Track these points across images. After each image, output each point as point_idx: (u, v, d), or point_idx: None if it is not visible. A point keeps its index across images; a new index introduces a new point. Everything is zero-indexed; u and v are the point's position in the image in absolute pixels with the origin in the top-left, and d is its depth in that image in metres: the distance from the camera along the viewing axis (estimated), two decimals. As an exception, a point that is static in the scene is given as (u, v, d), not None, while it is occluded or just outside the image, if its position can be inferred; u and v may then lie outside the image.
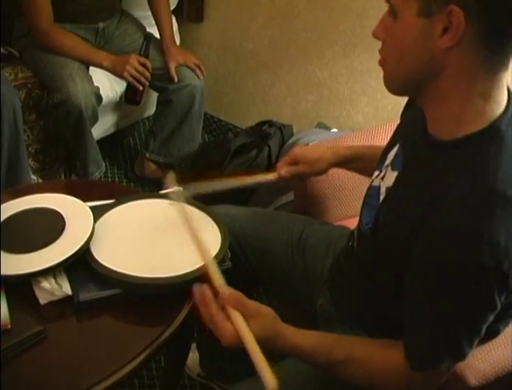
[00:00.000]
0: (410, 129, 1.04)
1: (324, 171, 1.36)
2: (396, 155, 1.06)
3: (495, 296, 0.86)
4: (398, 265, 0.95)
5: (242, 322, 0.92)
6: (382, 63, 0.94)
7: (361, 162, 1.32)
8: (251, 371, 1.44)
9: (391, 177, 1.03)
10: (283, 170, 1.34)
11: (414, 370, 0.93)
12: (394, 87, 0.95)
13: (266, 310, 0.97)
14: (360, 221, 1.13)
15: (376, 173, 1.12)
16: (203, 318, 0.95)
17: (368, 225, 1.07)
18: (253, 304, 0.95)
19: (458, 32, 0.81)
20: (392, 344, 0.97)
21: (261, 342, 0.91)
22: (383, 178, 1.07)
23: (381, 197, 1.05)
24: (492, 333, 1.03)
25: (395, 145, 1.08)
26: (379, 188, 1.07)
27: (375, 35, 0.93)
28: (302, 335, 0.98)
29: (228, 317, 0.93)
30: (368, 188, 1.13)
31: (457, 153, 0.89)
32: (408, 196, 0.95)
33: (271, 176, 1.37)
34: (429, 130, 0.95)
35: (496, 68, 0.85)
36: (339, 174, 1.57)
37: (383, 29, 0.91)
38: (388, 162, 1.08)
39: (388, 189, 1.03)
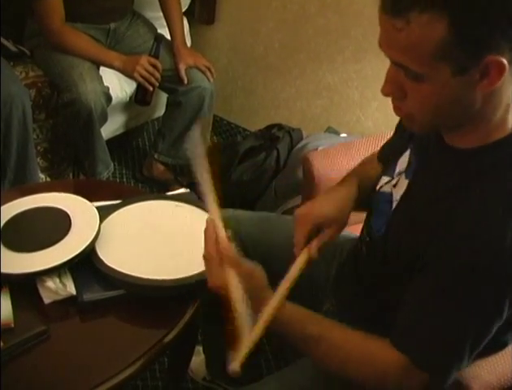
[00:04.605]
0: (422, 135, 1.03)
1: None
2: (409, 162, 1.05)
3: (506, 304, 0.86)
4: (408, 272, 0.94)
5: (234, 277, 0.94)
6: (401, 114, 0.91)
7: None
8: (259, 375, 1.44)
9: (404, 185, 1.02)
10: (312, 250, 1.12)
11: (419, 367, 0.91)
12: (421, 130, 0.93)
13: (259, 274, 0.98)
14: (369, 227, 1.12)
15: (386, 179, 1.10)
16: (204, 248, 0.98)
17: (380, 231, 1.06)
18: (247, 264, 0.98)
19: (500, 77, 0.79)
20: (375, 337, 0.96)
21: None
22: (395, 185, 1.06)
23: (394, 205, 1.04)
24: (500, 345, 1.02)
25: (405, 149, 1.07)
26: (391, 194, 1.06)
27: (387, 93, 0.88)
28: (283, 306, 0.98)
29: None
30: (376, 194, 1.12)
31: (479, 161, 0.89)
32: (425, 202, 0.94)
33: (305, 263, 1.12)
34: (445, 139, 0.94)
35: None
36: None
37: (397, 87, 0.86)
38: (399, 169, 1.07)
39: (402, 196, 1.02)
